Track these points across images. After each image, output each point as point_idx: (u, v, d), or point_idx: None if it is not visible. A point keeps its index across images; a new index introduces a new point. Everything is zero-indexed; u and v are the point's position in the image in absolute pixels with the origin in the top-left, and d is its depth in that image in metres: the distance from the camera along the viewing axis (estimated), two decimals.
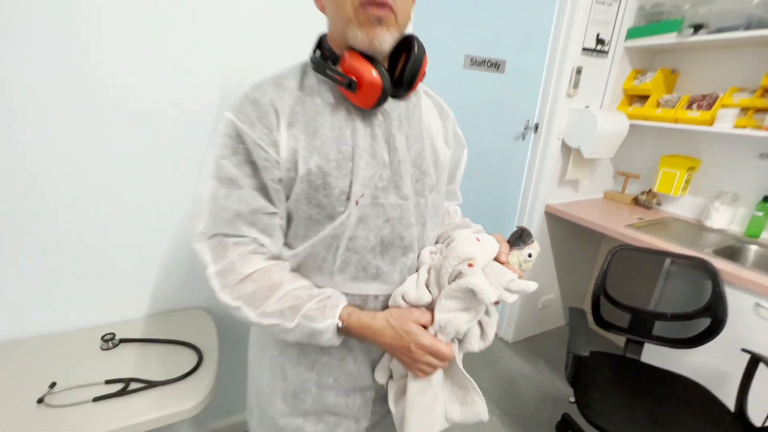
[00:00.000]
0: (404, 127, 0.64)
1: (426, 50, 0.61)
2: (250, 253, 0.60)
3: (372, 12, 0.53)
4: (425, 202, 0.67)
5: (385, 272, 0.64)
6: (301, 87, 0.61)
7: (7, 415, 0.79)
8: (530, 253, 0.68)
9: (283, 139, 0.57)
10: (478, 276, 0.59)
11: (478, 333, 0.66)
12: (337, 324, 0.58)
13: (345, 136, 0.59)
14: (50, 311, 1.05)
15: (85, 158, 0.98)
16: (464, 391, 0.68)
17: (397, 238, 0.63)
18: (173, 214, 1.13)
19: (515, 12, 1.59)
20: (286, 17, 1.11)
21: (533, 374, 1.94)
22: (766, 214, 1.57)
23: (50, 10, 0.86)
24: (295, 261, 0.64)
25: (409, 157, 0.64)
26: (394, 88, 0.60)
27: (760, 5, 1.37)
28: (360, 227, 0.61)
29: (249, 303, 0.58)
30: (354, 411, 0.72)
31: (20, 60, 0.86)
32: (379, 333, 0.60)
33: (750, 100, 1.48)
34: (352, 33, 0.55)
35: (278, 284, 0.59)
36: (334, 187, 0.58)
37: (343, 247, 0.61)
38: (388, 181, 0.62)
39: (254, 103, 0.58)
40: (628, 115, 1.86)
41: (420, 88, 0.72)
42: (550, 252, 2.08)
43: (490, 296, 0.57)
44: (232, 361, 1.29)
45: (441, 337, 0.61)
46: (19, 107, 0.88)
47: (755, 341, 1.22)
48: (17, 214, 0.95)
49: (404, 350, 0.60)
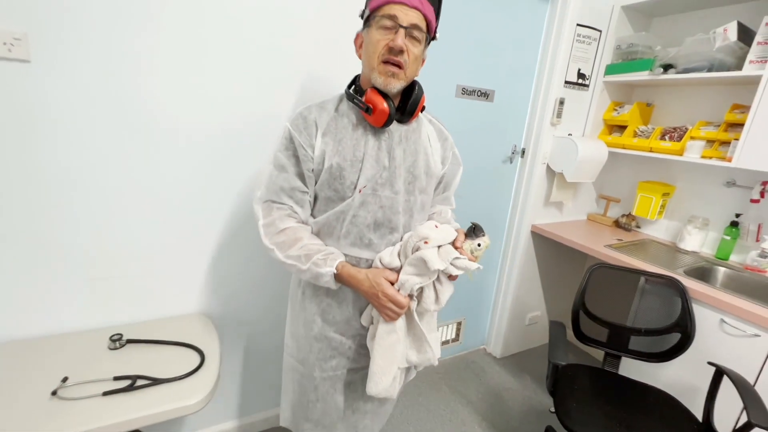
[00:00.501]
0: (403, 144, 0.90)
1: (423, 82, 0.89)
2: (286, 215, 0.89)
3: (389, 68, 0.81)
4: (414, 199, 0.92)
5: (375, 243, 0.90)
6: (336, 110, 0.90)
7: (24, 405, 0.85)
8: (479, 243, 0.86)
9: (318, 144, 0.85)
10: (429, 251, 0.82)
11: (433, 297, 0.88)
12: (333, 271, 0.83)
13: (360, 145, 0.87)
14: (62, 312, 1.11)
15: (103, 173, 1.07)
16: (420, 342, 0.91)
17: (387, 220, 0.89)
18: (180, 227, 1.22)
19: (503, 47, 1.74)
20: (316, 60, 1.24)
21: (519, 389, 2.00)
22: (733, 238, 1.69)
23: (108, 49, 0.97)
24: (316, 227, 0.92)
25: (404, 165, 0.90)
26: (399, 116, 0.87)
27: (720, 50, 1.53)
28: (361, 209, 0.87)
29: (279, 248, 0.86)
30: (345, 349, 0.97)
31: (70, 87, 0.96)
32: (360, 282, 0.84)
33: (715, 133, 1.63)
34: (375, 77, 0.83)
35: (300, 239, 0.86)
36: (347, 178, 0.86)
37: (348, 221, 0.87)
38: (385, 179, 0.87)
39: (303, 118, 0.87)
40: (608, 143, 2.00)
41: (424, 116, 0.98)
42: (536, 270, 2.18)
43: (435, 264, 0.80)
44: (233, 361, 1.35)
45: (402, 292, 0.83)
46: (61, 127, 0.98)
47: (720, 355, 1.31)
48: (39, 223, 1.03)
49: (375, 297, 0.84)
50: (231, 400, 1.50)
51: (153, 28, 1.03)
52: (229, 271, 1.34)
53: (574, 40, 1.80)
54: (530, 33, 1.80)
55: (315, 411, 1.01)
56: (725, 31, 1.52)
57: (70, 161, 1.02)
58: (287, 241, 0.86)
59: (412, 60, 0.82)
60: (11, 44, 0.88)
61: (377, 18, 0.80)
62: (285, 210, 0.89)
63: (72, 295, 1.12)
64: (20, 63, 0.91)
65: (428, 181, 0.94)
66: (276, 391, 1.59)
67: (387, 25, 0.79)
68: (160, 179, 1.15)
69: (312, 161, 0.86)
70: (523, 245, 2.06)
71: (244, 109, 1.21)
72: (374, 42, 0.81)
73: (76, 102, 0.99)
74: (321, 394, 0.99)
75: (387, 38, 0.79)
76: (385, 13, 0.79)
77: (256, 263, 1.38)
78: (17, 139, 0.95)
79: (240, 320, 1.41)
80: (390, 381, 0.89)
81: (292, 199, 0.89)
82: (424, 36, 0.83)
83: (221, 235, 1.29)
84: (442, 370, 2.09)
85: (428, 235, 0.83)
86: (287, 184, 0.88)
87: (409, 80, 0.85)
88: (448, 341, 2.18)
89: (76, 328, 1.13)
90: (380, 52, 0.80)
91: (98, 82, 1.00)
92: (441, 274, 0.86)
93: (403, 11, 0.78)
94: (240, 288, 1.38)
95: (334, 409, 1.00)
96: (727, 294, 1.34)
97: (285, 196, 0.88)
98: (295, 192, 0.88)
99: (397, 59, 0.80)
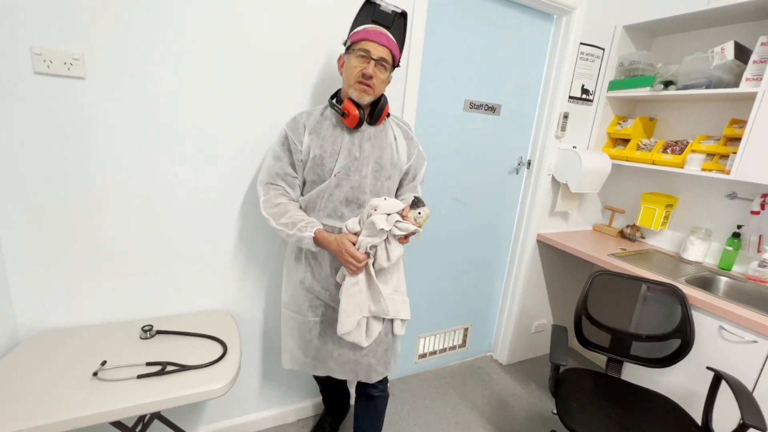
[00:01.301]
0: (371, 140, 1.17)
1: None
2: (280, 194, 1.15)
3: (362, 86, 1.09)
4: (381, 184, 1.18)
5: (346, 216, 1.15)
6: (321, 114, 1.18)
7: (70, 383, 0.95)
8: (420, 212, 1.07)
9: (305, 140, 1.13)
10: (378, 216, 1.02)
11: (385, 255, 1.08)
12: (312, 235, 1.07)
13: (337, 141, 1.14)
14: (100, 304, 1.22)
15: (140, 179, 1.19)
16: (377, 294, 1.14)
17: (355, 198, 1.15)
18: (207, 231, 1.33)
19: (510, 64, 1.84)
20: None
21: (525, 395, 2.03)
22: (736, 249, 1.72)
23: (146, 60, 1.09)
24: (303, 203, 1.17)
25: (372, 156, 1.16)
26: (369, 119, 1.16)
27: (718, 68, 1.60)
28: (336, 189, 1.13)
29: (273, 217, 1.12)
30: (328, 299, 1.20)
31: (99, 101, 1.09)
32: (330, 243, 1.08)
33: (715, 147, 1.68)
34: (351, 92, 1.11)
35: (288, 211, 1.12)
36: (326, 165, 1.12)
37: (326, 198, 1.14)
38: (355, 167, 1.14)
39: (295, 121, 1.16)
40: (612, 156, 2.06)
41: (392, 120, 1.25)
42: (542, 278, 2.23)
43: (380, 225, 1.01)
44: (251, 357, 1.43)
45: (360, 249, 1.05)
46: (106, 136, 1.10)
47: (719, 360, 1.35)
48: (82, 224, 1.15)
49: (340, 253, 1.07)
50: (247, 395, 1.58)
51: (194, 51, 1.15)
52: (249, 272, 1.44)
53: (577, 58, 1.89)
54: (535, 51, 1.90)
55: (311, 347, 1.24)
56: (723, 50, 1.59)
57: (112, 167, 1.14)
58: (278, 213, 1.12)
59: (379, 82, 1.10)
60: (71, 64, 1.01)
61: (356, 50, 1.07)
62: (279, 190, 1.15)
63: (109, 289, 1.22)
64: (77, 80, 1.04)
65: (392, 170, 1.20)
66: (290, 389, 1.66)
67: (362, 56, 1.07)
68: (191, 186, 1.26)
69: (301, 153, 1.13)
70: (529, 254, 2.12)
71: (270, 122, 1.32)
72: (352, 67, 1.08)
73: (120, 114, 1.11)
74: (315, 334, 1.22)
75: (362, 65, 1.07)
76: (361, 47, 1.06)
77: (275, 266, 1.47)
78: (67, 147, 1.07)
79: (258, 318, 1.50)
80: (354, 324, 1.12)
81: (285, 182, 1.15)
82: (389, 65, 1.11)
83: (245, 239, 1.40)
84: (448, 375, 2.14)
85: (377, 204, 1.04)
86: (282, 170, 1.14)
87: (377, 96, 1.13)
88: (455, 347, 2.23)
89: (111, 318, 1.24)
90: (356, 75, 1.08)
91: (141, 97, 1.13)
92: (390, 237, 1.07)
93: (375, 47, 1.06)
94: (259, 288, 1.47)
95: (323, 348, 1.23)
96: (725, 301, 1.39)
97: (280, 180, 1.15)
98: (287, 177, 1.15)
99: (368, 82, 1.08)
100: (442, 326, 2.13)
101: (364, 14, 1.10)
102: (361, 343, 1.16)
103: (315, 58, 1.34)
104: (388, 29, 1.09)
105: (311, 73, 1.35)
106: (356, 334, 1.14)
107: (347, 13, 1.23)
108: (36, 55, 0.98)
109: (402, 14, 1.12)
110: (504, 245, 2.20)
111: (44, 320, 1.16)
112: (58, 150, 1.07)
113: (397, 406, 1.86)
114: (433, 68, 1.64)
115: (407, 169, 1.25)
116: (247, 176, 1.34)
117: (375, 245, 1.06)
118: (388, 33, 1.09)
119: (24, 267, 1.10)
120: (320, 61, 1.35)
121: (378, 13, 1.08)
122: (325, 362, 1.24)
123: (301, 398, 1.72)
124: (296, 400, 1.71)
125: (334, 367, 1.24)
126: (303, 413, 1.73)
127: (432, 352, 2.16)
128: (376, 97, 1.12)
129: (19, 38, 0.97)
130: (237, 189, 1.34)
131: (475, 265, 2.13)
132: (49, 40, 0.99)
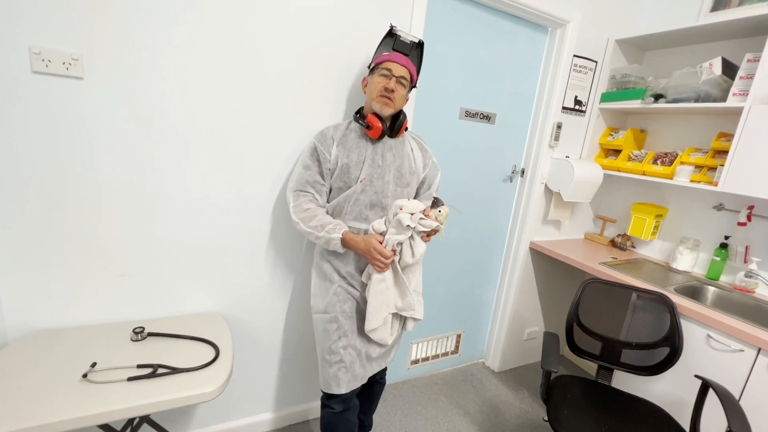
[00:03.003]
0: (392, 150, 1.28)
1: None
2: (309, 200, 1.24)
3: (384, 99, 1.20)
4: (401, 191, 1.29)
5: (371, 218, 1.25)
6: (347, 128, 1.29)
7: (58, 385, 0.94)
8: (440, 210, 1.16)
9: (334, 151, 1.24)
10: (403, 214, 1.12)
11: (410, 252, 1.18)
12: (340, 237, 1.16)
13: (362, 151, 1.25)
14: (92, 305, 1.21)
15: (137, 181, 1.18)
16: (403, 289, 1.23)
17: (379, 202, 1.25)
18: (201, 234, 1.32)
19: (505, 74, 1.87)
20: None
21: (516, 402, 2.04)
22: (723, 259, 1.76)
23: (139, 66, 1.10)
24: (330, 208, 1.27)
25: (394, 165, 1.27)
26: (390, 132, 1.26)
27: (706, 83, 1.64)
28: (361, 194, 1.23)
29: (303, 221, 1.20)
30: (356, 295, 1.27)
31: (105, 102, 1.09)
32: (357, 243, 1.17)
33: (703, 159, 1.72)
34: (374, 104, 1.22)
35: (317, 215, 1.21)
36: (352, 173, 1.22)
37: (352, 202, 1.24)
38: (378, 174, 1.24)
39: (323, 134, 1.26)
40: (604, 166, 2.10)
41: (408, 134, 1.36)
42: (534, 286, 2.25)
43: (406, 221, 1.12)
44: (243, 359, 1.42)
45: (387, 247, 1.16)
46: (104, 136, 1.10)
47: (707, 368, 1.37)
48: (77, 223, 1.14)
49: (368, 252, 1.17)
50: (239, 399, 1.56)
51: (195, 54, 1.16)
52: (242, 276, 1.43)
53: (571, 70, 1.93)
54: (530, 62, 1.94)
55: (338, 348, 1.24)
56: (711, 66, 1.64)
57: (109, 168, 1.14)
58: (308, 217, 1.21)
59: (399, 96, 1.21)
60: (69, 64, 1.01)
61: (379, 69, 1.21)
62: (308, 196, 1.24)
63: (101, 289, 1.21)
64: (75, 80, 1.04)
65: (411, 177, 1.31)
66: (283, 393, 1.65)
67: (385, 74, 1.20)
68: (187, 190, 1.26)
69: (329, 162, 1.23)
70: (521, 261, 2.14)
71: (275, 127, 1.33)
72: (376, 83, 1.21)
73: (117, 114, 1.11)
74: (344, 331, 1.25)
75: (384, 81, 1.20)
76: (384, 66, 1.20)
77: (268, 270, 1.47)
78: (63, 146, 1.07)
79: (250, 321, 1.49)
80: (381, 321, 1.20)
81: (314, 188, 1.24)
82: (408, 83, 1.24)
83: (238, 243, 1.39)
84: (440, 381, 2.14)
85: (402, 204, 1.15)
86: (311, 178, 1.24)
87: (397, 110, 1.23)
88: (447, 353, 2.24)
89: (102, 320, 1.23)
90: (379, 89, 1.20)
91: (139, 97, 1.13)
92: (415, 234, 1.17)
93: (396, 67, 1.20)
94: (251, 292, 1.47)
95: (352, 346, 1.26)
96: (713, 311, 1.41)
97: (309, 187, 1.24)
98: (316, 184, 1.24)
99: (389, 95, 1.20)
100: (434, 332, 2.13)
101: (386, 43, 1.27)
102: (387, 341, 1.25)
103: (311, 78, 1.36)
104: (407, 56, 1.25)
105: (310, 85, 1.36)
106: (383, 330, 1.23)
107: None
108: (35, 54, 0.98)
109: (419, 44, 1.30)
110: (497, 252, 2.21)
111: (33, 321, 1.14)
112: (53, 149, 1.06)
113: (389, 412, 1.85)
114: (430, 76, 1.66)
115: (423, 179, 1.36)
116: (245, 181, 1.35)
117: (401, 242, 1.15)
118: (408, 58, 1.25)
119: (13, 266, 1.09)
120: (319, 77, 1.37)
121: (399, 43, 1.27)
122: (351, 367, 1.26)
123: (294, 403, 1.71)
124: (288, 405, 1.70)
125: (359, 369, 1.28)
126: (295, 418, 1.72)
127: (425, 358, 2.16)
128: (396, 110, 1.23)
129: (17, 37, 0.97)
130: (233, 193, 1.34)
131: (469, 272, 2.14)
132: (47, 39, 0.99)
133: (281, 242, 1.47)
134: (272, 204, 1.41)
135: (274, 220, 1.43)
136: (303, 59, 1.33)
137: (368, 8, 1.39)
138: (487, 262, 2.20)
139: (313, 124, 1.39)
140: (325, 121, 1.41)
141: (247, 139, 1.31)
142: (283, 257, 1.49)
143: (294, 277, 1.54)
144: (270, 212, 1.42)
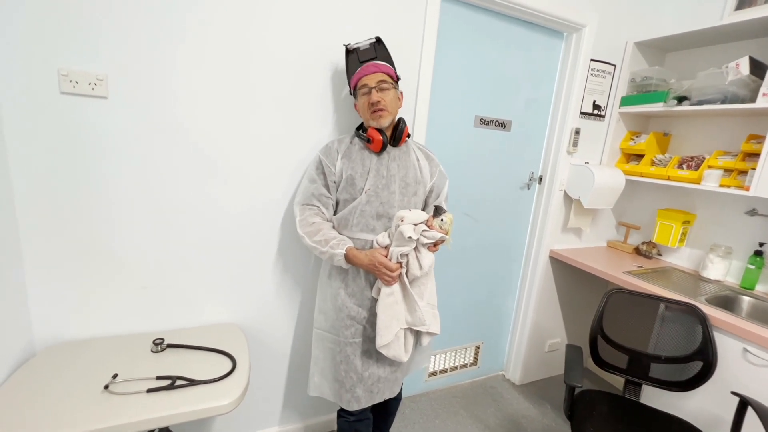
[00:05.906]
0: (396, 161, 1.27)
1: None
2: (315, 214, 1.24)
3: (375, 114, 1.20)
4: (408, 200, 1.27)
5: (377, 229, 1.24)
6: (351, 141, 1.29)
7: (82, 396, 0.96)
8: (442, 218, 1.15)
9: (338, 164, 1.24)
10: (404, 226, 1.11)
11: (417, 264, 1.16)
12: (343, 252, 1.15)
13: (366, 163, 1.24)
14: (113, 317, 1.24)
15: (158, 195, 1.22)
16: (412, 304, 1.19)
17: (385, 212, 1.23)
18: (220, 247, 1.35)
19: (520, 81, 1.85)
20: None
21: (539, 417, 1.97)
22: (758, 267, 1.67)
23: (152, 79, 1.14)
24: (337, 221, 1.26)
25: (399, 175, 1.26)
26: (392, 142, 1.26)
27: (732, 83, 1.58)
28: (367, 205, 1.22)
29: (308, 235, 1.21)
30: (361, 318, 1.25)
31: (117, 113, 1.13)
32: (361, 259, 1.16)
33: (733, 162, 1.65)
34: (370, 122, 1.23)
35: (322, 230, 1.21)
36: (357, 185, 1.22)
37: (358, 213, 1.22)
38: (383, 185, 1.23)
39: (328, 148, 1.27)
40: (626, 171, 2.04)
41: (411, 143, 1.35)
42: (555, 296, 2.18)
43: (408, 233, 1.10)
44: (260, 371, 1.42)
45: (392, 260, 1.14)
46: (126, 153, 1.14)
47: (745, 384, 1.29)
48: (99, 236, 1.17)
49: (373, 267, 1.16)
50: (255, 411, 1.56)
51: (210, 72, 1.20)
52: (260, 288, 1.45)
53: (588, 74, 1.89)
54: (546, 68, 1.91)
55: (340, 371, 1.25)
56: (737, 66, 1.57)
57: (131, 183, 1.17)
58: (313, 231, 1.21)
59: (388, 101, 1.20)
60: (95, 84, 1.06)
61: (359, 89, 1.22)
62: (314, 210, 1.24)
63: (124, 301, 1.24)
64: (100, 99, 1.08)
65: (417, 186, 1.29)
66: (298, 406, 1.64)
67: (365, 91, 1.20)
68: (208, 204, 1.29)
69: (334, 175, 1.24)
70: (541, 270, 2.08)
71: (289, 144, 1.35)
72: (362, 104, 1.22)
73: (140, 131, 1.15)
74: (344, 356, 1.24)
75: (367, 98, 1.20)
76: (360, 85, 1.21)
77: (285, 284, 1.48)
78: (89, 162, 1.11)
79: (268, 333, 1.50)
80: (392, 336, 1.16)
81: (320, 202, 1.24)
82: (391, 83, 1.21)
83: (256, 255, 1.41)
84: (459, 394, 2.09)
85: (403, 215, 1.14)
86: (317, 191, 1.23)
87: (393, 115, 1.23)
88: (465, 365, 2.19)
89: (124, 331, 1.25)
90: (367, 108, 1.21)
91: (159, 115, 1.16)
92: (419, 245, 1.15)
93: (369, 79, 1.19)
94: (268, 304, 1.48)
95: (353, 371, 1.24)
96: (750, 322, 1.33)
97: (315, 200, 1.24)
98: (322, 197, 1.24)
99: (378, 107, 1.19)
100: (452, 343, 2.09)
101: (351, 61, 1.26)
102: (401, 357, 1.19)
103: (305, 86, 1.38)
104: (375, 59, 1.23)
105: (324, 97, 1.38)
106: (396, 346, 1.18)
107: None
108: (63, 75, 1.03)
109: (378, 40, 1.27)
110: (516, 261, 2.16)
111: (60, 332, 1.18)
112: (80, 165, 1.10)
113: (407, 426, 1.81)
114: (443, 85, 1.66)
115: (431, 188, 1.34)
116: (265, 196, 1.37)
117: (405, 254, 1.14)
118: (376, 62, 1.22)
119: (43, 279, 1.13)
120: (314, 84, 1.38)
121: (361, 54, 1.24)
122: (352, 390, 1.25)
123: (310, 416, 1.69)
124: (304, 418, 1.68)
125: (361, 391, 1.25)
126: (311, 431, 1.70)
127: (443, 370, 2.11)
128: (392, 116, 1.23)
129: (47, 60, 1.02)
130: (253, 208, 1.36)
131: (487, 282, 2.10)
132: (74, 61, 1.04)
133: (293, 252, 1.48)
134: (282, 214, 1.42)
135: (288, 230, 1.44)
136: (316, 74, 1.35)
137: (381, 24, 1.41)
138: (506, 272, 2.15)
139: (327, 137, 1.41)
140: (336, 132, 1.43)
141: (261, 153, 1.33)
142: (292, 268, 1.50)
143: (309, 286, 1.54)
144: (279, 223, 1.43)
